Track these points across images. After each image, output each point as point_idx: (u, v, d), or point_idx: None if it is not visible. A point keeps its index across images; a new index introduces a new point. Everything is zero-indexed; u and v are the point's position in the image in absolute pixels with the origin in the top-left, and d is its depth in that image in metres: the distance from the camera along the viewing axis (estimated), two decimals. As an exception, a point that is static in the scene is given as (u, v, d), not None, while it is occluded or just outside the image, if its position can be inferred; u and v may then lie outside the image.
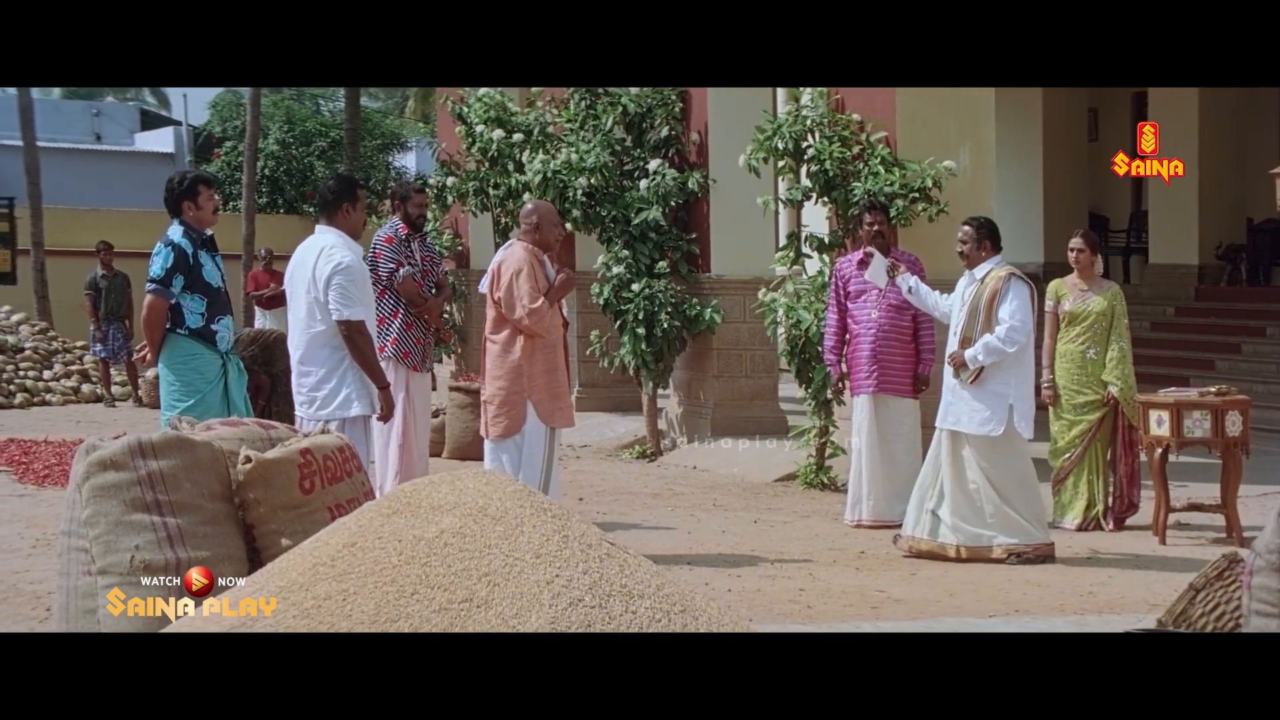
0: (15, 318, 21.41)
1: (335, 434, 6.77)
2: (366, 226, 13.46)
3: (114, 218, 29.41)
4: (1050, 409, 10.65)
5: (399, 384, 9.80)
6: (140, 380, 19.07)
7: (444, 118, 18.75)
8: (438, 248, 17.28)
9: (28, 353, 20.16)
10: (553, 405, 8.90)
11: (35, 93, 29.38)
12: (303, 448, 6.38)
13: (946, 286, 11.44)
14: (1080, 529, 10.33)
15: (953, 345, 9.38)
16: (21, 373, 19.76)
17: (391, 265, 10.04)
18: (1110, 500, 10.48)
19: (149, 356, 8.37)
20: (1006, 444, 9.20)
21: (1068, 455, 10.46)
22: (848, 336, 10.76)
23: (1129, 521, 10.44)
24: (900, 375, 10.58)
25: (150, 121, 46.48)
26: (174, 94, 54.46)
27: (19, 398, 19.10)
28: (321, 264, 8.05)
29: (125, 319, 19.40)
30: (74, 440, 13.78)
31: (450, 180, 16.91)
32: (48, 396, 19.52)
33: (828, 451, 12.13)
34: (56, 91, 52.92)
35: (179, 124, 43.10)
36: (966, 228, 9.49)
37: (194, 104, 54.07)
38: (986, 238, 9.39)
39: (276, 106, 36.00)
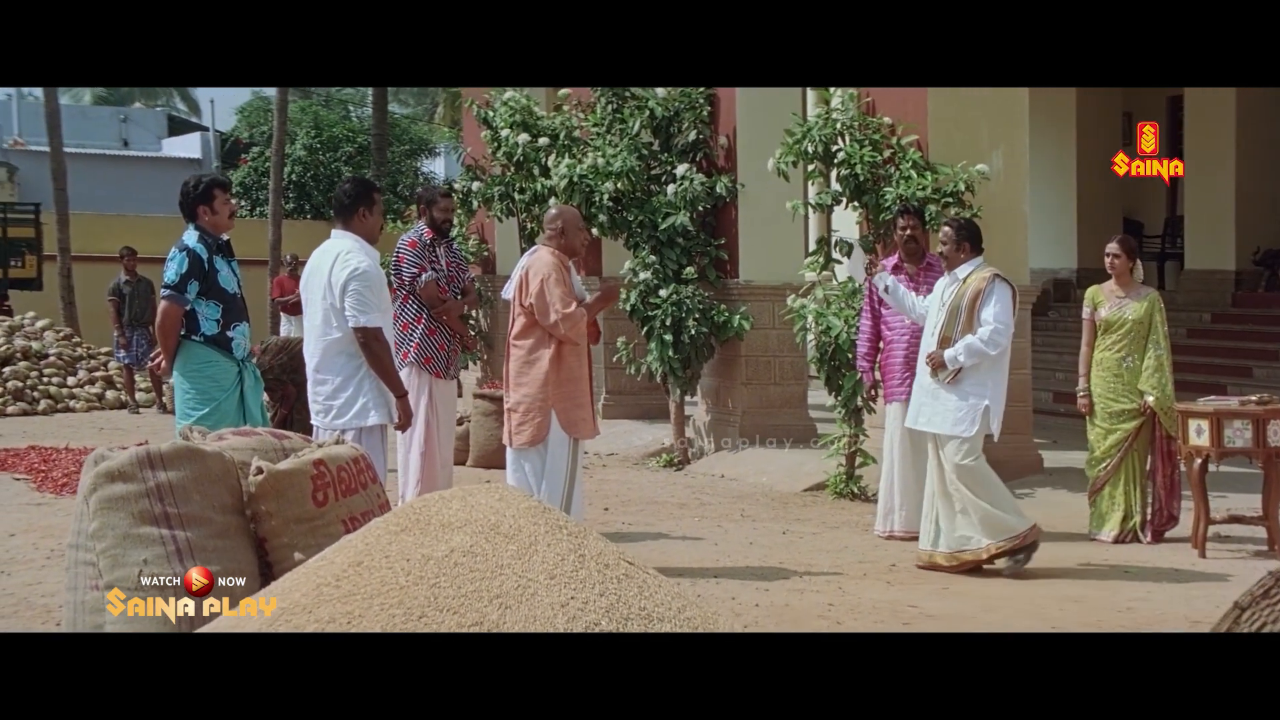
0: (40, 324, 21.32)
1: (350, 444, 6.60)
2: (394, 231, 13.20)
3: (140, 223, 29.41)
4: (1086, 418, 10.42)
5: (421, 390, 9.63)
6: (164, 386, 18.90)
7: (470, 122, 18.58)
8: (464, 253, 17.11)
9: (52, 359, 20.06)
10: (576, 415, 8.67)
11: (64, 99, 29.33)
12: (316, 459, 6.23)
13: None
14: (1117, 540, 10.09)
15: (930, 345, 9.19)
16: (45, 379, 19.65)
17: (414, 269, 9.85)
18: (1148, 512, 10.21)
19: (163, 364, 8.19)
20: (975, 444, 9.00)
21: (1104, 465, 10.22)
22: (881, 343, 10.52)
23: (1167, 534, 10.16)
24: (934, 384, 10.34)
25: (177, 127, 46.59)
26: (203, 100, 54.47)
27: (42, 404, 18.99)
28: (338, 269, 7.87)
29: (149, 325, 19.16)
30: (94, 448, 13.66)
31: (475, 185, 16.75)
32: (71, 403, 19.41)
33: (858, 461, 11.89)
34: (87, 97, 53.17)
35: (206, 130, 43.10)
36: (946, 229, 9.33)
37: (221, 110, 54.25)
38: (966, 239, 9.22)
39: (304, 112, 35.96)
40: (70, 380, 19.95)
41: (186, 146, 41.33)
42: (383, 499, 6.44)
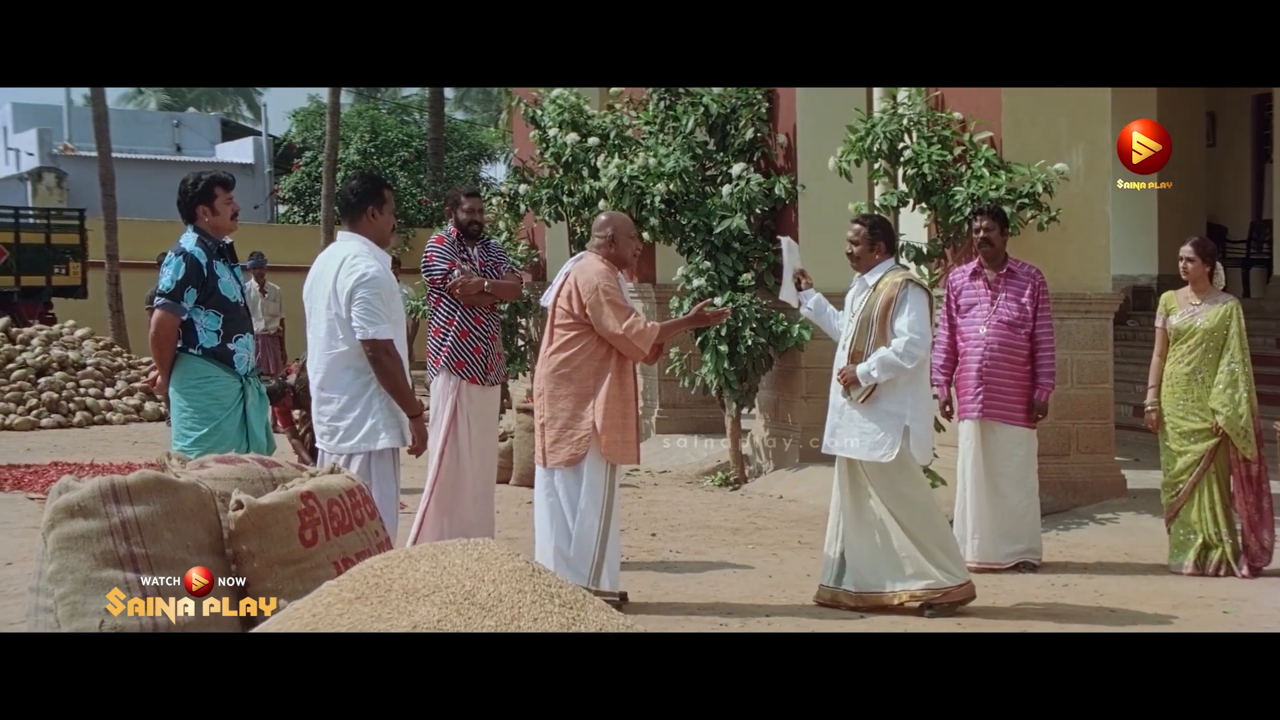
0: (79, 332, 20.65)
1: (345, 474, 5.82)
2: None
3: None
4: (1158, 437, 9.52)
5: (447, 395, 8.90)
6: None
7: (520, 123, 17.83)
8: (515, 258, 16.38)
9: (89, 369, 19.38)
10: (618, 436, 7.84)
11: (129, 105, 28.88)
12: (304, 491, 5.51)
13: (1059, 300, 10.43)
14: (1199, 573, 9.17)
15: (841, 360, 8.33)
16: (83, 390, 19.00)
17: (444, 265, 9.14)
18: (1239, 542, 9.28)
19: (158, 379, 7.43)
20: (902, 471, 8.10)
21: (1177, 489, 9.31)
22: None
23: (1265, 567, 9.22)
24: (1010, 400, 9.44)
25: (231, 132, 46.10)
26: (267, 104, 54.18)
27: (78, 416, 18.34)
28: (343, 276, 7.08)
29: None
30: (121, 464, 13.04)
31: (523, 188, 15.96)
32: (109, 415, 18.72)
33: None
34: (152, 103, 52.98)
35: (259, 134, 42.57)
36: (858, 226, 8.34)
37: (275, 114, 54.20)
38: (881, 238, 8.27)
39: (361, 117, 35.41)
40: (108, 391, 19.26)
41: (239, 152, 40.75)
42: (382, 537, 5.71)
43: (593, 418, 7.76)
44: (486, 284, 9.18)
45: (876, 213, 8.63)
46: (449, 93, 37.82)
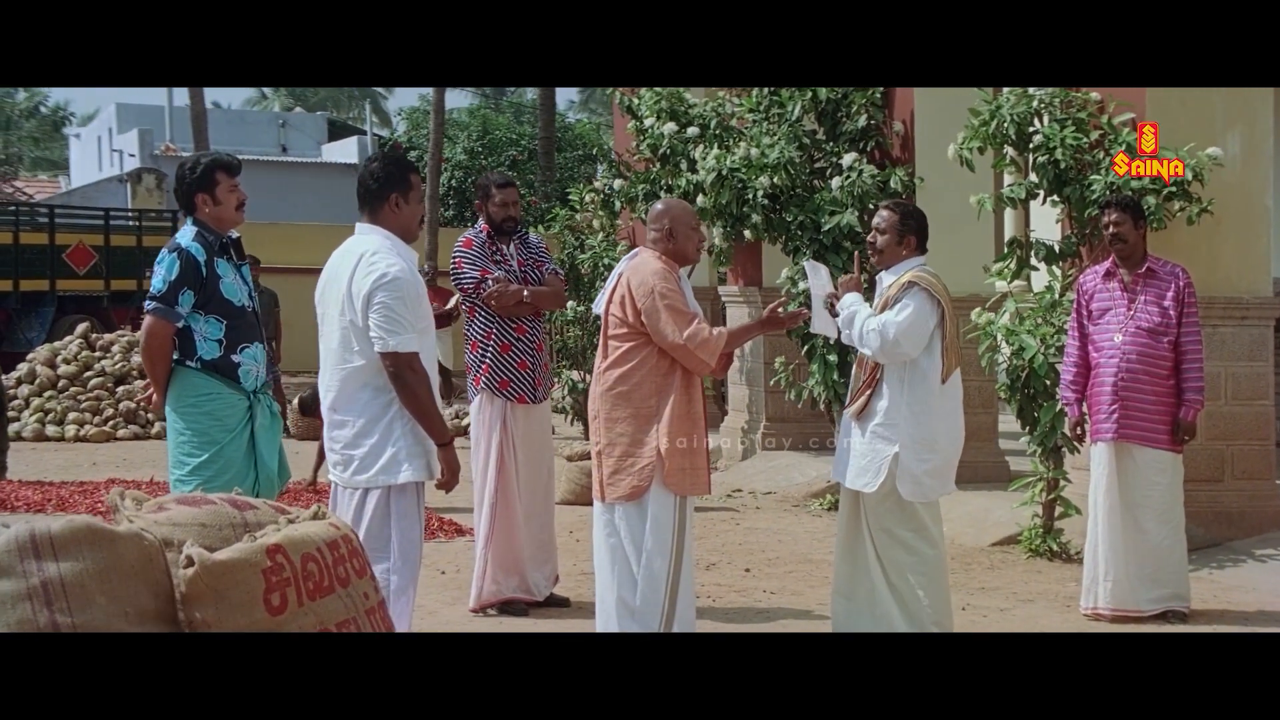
0: (164, 339, 19.90)
1: (330, 520, 4.70)
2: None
3: (295, 231, 28.26)
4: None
5: (494, 423, 7.96)
6: (289, 409, 17.09)
7: (619, 116, 16.77)
8: (612, 259, 15.32)
9: (171, 378, 18.62)
10: (686, 464, 6.65)
11: (254, 108, 28.40)
12: (271, 544, 4.42)
13: (1212, 305, 9.23)
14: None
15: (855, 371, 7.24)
16: (164, 400, 18.21)
17: (475, 274, 8.09)
18: None
19: (154, 397, 6.39)
20: (895, 508, 6.96)
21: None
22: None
23: None
24: (1151, 419, 8.13)
25: (337, 132, 45.56)
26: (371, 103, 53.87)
27: (157, 427, 17.52)
28: (360, 276, 5.96)
29: (272, 340, 17.53)
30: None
31: (618, 183, 14.86)
32: (188, 426, 17.94)
33: (1058, 510, 9.76)
34: (275, 105, 52.89)
35: (364, 133, 41.94)
36: (887, 212, 7.17)
37: (395, 116, 54.09)
38: (913, 231, 7.09)
39: (473, 116, 34.69)
40: (190, 401, 18.50)
41: (345, 151, 40.18)
42: (373, 601, 4.62)
43: (656, 443, 6.59)
44: (526, 293, 8.12)
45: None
46: (574, 95, 37.10)
